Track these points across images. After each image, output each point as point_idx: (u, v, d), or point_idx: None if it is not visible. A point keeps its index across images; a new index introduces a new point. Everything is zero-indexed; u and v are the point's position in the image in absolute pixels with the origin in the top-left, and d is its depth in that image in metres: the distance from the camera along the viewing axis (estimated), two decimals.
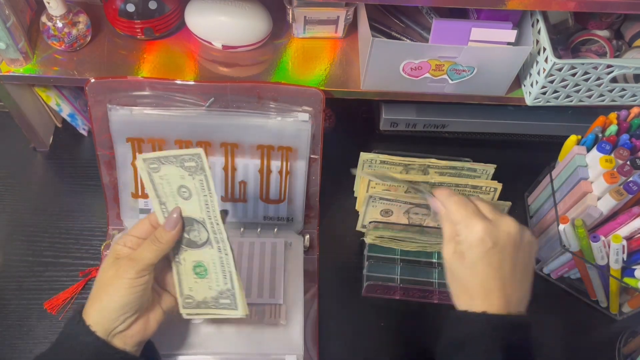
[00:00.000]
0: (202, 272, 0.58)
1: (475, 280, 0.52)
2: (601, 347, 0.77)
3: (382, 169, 0.54)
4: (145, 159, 0.52)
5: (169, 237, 0.55)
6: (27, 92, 0.80)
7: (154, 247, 0.54)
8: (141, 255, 0.54)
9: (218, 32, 0.74)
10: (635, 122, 0.74)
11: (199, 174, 0.51)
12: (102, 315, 0.53)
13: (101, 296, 0.54)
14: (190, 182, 0.52)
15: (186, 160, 0.51)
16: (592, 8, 0.65)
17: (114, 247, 0.57)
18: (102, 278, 0.55)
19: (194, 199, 0.53)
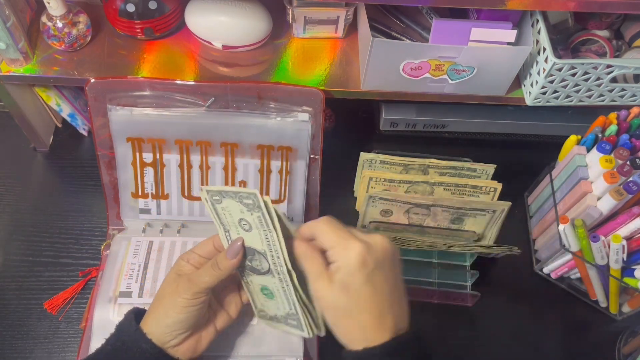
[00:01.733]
0: (268, 294, 0.60)
1: (365, 309, 0.48)
2: (601, 347, 0.77)
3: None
4: (208, 190, 0.53)
5: (229, 265, 0.55)
6: (27, 92, 0.80)
7: (214, 272, 0.55)
8: (200, 279, 0.55)
9: (218, 32, 0.74)
10: (635, 122, 0.74)
11: (256, 211, 0.52)
12: (157, 327, 0.55)
13: (158, 309, 0.56)
14: (249, 217, 0.53)
15: (244, 197, 0.51)
16: (592, 8, 0.65)
17: (178, 262, 0.58)
18: (162, 292, 0.57)
19: (254, 232, 0.54)
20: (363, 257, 0.47)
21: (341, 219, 0.82)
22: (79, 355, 0.69)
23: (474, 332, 0.77)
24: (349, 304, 0.48)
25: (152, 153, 0.74)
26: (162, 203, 0.77)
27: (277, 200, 0.78)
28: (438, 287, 0.78)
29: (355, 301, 0.48)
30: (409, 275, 0.78)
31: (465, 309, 0.79)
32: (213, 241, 0.59)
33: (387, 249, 0.49)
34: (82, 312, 0.74)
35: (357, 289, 0.47)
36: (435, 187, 0.78)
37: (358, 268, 0.47)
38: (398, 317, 0.49)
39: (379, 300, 0.48)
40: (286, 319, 0.62)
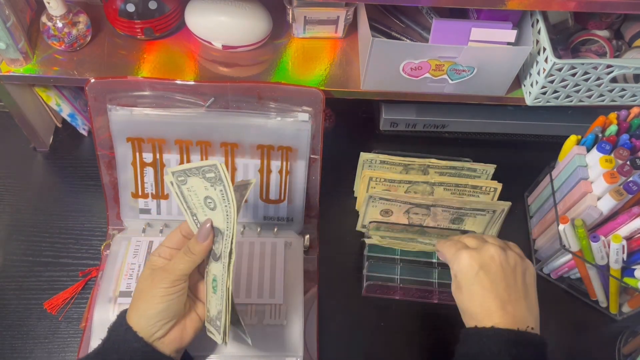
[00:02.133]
0: (215, 286, 0.58)
1: (475, 304, 0.56)
2: (601, 347, 0.77)
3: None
4: (173, 172, 0.54)
5: (201, 248, 0.56)
6: (27, 92, 0.80)
7: (187, 258, 0.56)
8: (175, 266, 0.56)
9: (218, 32, 0.74)
10: (635, 122, 0.74)
11: (218, 184, 0.52)
12: (142, 321, 0.55)
13: (139, 304, 0.56)
14: (213, 193, 0.53)
15: (206, 171, 0.52)
16: (592, 8, 0.65)
17: (150, 259, 0.59)
18: (140, 287, 0.57)
19: (218, 209, 0.54)
20: (468, 263, 0.57)
21: (341, 219, 0.84)
22: (79, 356, 0.69)
23: None
24: (463, 300, 0.57)
25: (152, 153, 0.74)
26: (162, 203, 0.77)
27: (277, 200, 0.78)
28: (438, 287, 0.78)
29: (467, 297, 0.57)
30: (409, 275, 0.78)
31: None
32: (180, 230, 0.59)
33: (494, 256, 0.57)
34: (82, 312, 0.74)
35: (467, 287, 0.57)
36: (435, 187, 0.78)
37: (465, 271, 0.57)
38: (512, 315, 0.54)
39: (487, 297, 0.55)
40: (215, 321, 0.58)
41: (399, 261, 0.79)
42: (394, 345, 0.75)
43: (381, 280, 0.77)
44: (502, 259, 0.57)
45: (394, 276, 0.78)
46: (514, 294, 0.56)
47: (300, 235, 0.80)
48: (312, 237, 0.80)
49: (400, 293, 0.78)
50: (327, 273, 0.78)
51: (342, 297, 0.78)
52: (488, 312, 0.55)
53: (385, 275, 0.78)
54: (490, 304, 0.55)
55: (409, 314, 0.77)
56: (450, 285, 0.77)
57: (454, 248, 0.60)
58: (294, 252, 0.77)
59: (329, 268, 0.79)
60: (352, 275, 0.79)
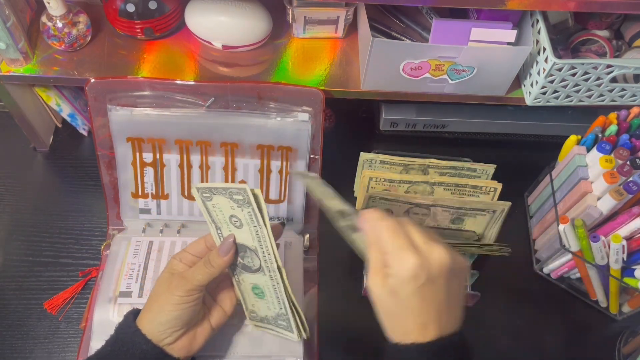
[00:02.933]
0: (259, 293, 0.60)
1: (410, 316, 0.48)
2: (601, 347, 0.77)
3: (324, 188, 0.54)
4: (198, 188, 0.54)
5: (222, 262, 0.56)
6: (27, 92, 0.80)
7: (206, 269, 0.56)
8: (193, 276, 0.56)
9: (218, 32, 0.74)
10: (635, 122, 0.74)
11: (246, 206, 0.52)
12: (152, 325, 0.56)
13: (153, 307, 0.56)
14: (239, 213, 0.53)
15: (234, 193, 0.52)
16: (592, 8, 0.65)
17: (170, 262, 0.59)
18: (156, 290, 0.57)
19: (245, 228, 0.54)
20: (415, 271, 0.47)
21: None
22: (79, 356, 0.69)
23: (474, 332, 0.77)
24: (395, 309, 0.48)
25: (152, 153, 0.74)
26: (162, 203, 0.77)
27: (277, 200, 0.78)
28: None
29: (401, 308, 0.48)
30: None
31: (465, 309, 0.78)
32: (205, 240, 0.59)
33: (444, 263, 0.48)
34: (82, 312, 0.74)
35: (405, 298, 0.47)
36: (435, 187, 0.78)
37: (409, 280, 0.47)
38: (445, 324, 0.50)
39: (426, 311, 0.48)
40: (276, 320, 0.62)
41: None
42: None
43: None
44: (449, 267, 0.48)
45: None
46: (453, 302, 0.51)
47: (300, 235, 0.80)
48: (312, 237, 0.80)
49: None
50: (327, 273, 0.78)
51: (342, 297, 0.78)
52: (423, 327, 0.49)
53: None
54: (427, 317, 0.48)
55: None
56: None
57: (396, 239, 0.48)
58: (294, 252, 0.77)
59: (329, 268, 0.79)
60: (352, 275, 0.79)
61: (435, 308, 0.49)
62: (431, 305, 0.48)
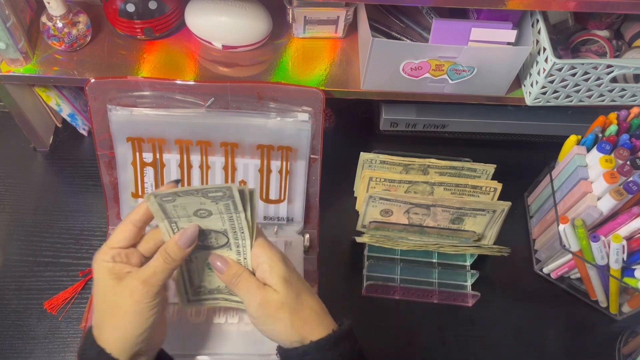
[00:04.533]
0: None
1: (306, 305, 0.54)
2: (601, 347, 0.77)
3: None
4: (157, 194, 0.49)
5: (183, 255, 0.52)
6: (27, 92, 0.80)
7: (167, 265, 0.51)
8: (154, 278, 0.50)
9: (218, 32, 0.74)
10: (635, 122, 0.74)
11: (225, 199, 0.50)
12: (123, 343, 0.50)
13: (117, 323, 0.50)
14: (212, 206, 0.51)
15: (211, 192, 0.50)
16: (592, 8, 0.65)
17: (104, 266, 0.51)
18: (111, 303, 0.51)
19: (214, 217, 0.52)
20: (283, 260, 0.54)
21: (341, 219, 0.84)
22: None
23: (474, 332, 0.77)
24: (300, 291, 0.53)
25: (152, 153, 0.74)
26: None
27: (277, 200, 0.78)
28: (438, 287, 0.78)
29: (302, 287, 0.54)
30: (409, 275, 0.78)
31: (465, 309, 0.79)
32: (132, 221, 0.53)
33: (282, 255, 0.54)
34: (82, 312, 0.74)
35: (296, 281, 0.53)
36: (435, 187, 0.78)
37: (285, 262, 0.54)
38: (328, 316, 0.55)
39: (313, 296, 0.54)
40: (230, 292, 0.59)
41: (399, 261, 0.79)
42: (394, 345, 0.75)
43: (381, 280, 0.77)
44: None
45: (394, 276, 0.78)
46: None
47: (300, 235, 0.80)
48: (312, 237, 0.80)
49: (400, 293, 0.78)
50: (327, 273, 0.78)
51: (342, 297, 0.78)
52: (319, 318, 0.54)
53: (385, 275, 0.78)
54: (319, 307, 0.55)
55: (409, 314, 0.77)
56: (451, 284, 0.78)
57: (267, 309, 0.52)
58: (294, 252, 0.77)
59: (329, 268, 0.79)
60: (352, 275, 0.79)
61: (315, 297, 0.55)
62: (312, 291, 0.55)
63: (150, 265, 0.51)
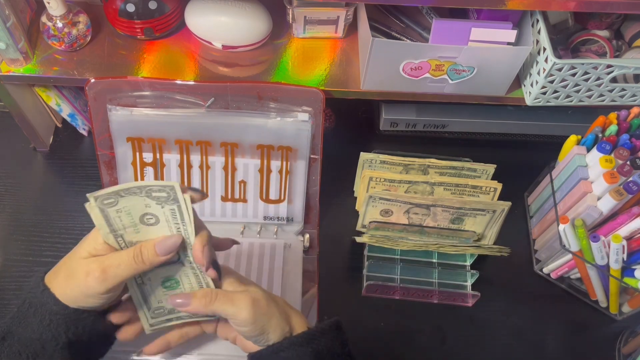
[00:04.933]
0: (172, 284, 0.55)
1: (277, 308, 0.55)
2: (601, 347, 0.77)
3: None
4: (97, 197, 0.47)
5: (157, 262, 0.50)
6: (27, 92, 0.80)
7: (135, 265, 0.49)
8: (115, 271, 0.48)
9: (218, 32, 0.74)
10: (635, 122, 0.74)
11: (170, 203, 0.48)
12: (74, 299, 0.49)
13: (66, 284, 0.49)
14: (158, 210, 0.49)
15: (154, 190, 0.48)
16: (592, 8, 0.65)
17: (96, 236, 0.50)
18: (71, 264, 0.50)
19: (162, 225, 0.50)
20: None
21: (341, 219, 0.84)
22: None
23: (474, 332, 0.77)
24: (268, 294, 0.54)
25: (152, 153, 0.74)
26: None
27: (277, 200, 0.78)
28: (438, 287, 0.78)
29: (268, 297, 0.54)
30: (409, 275, 0.78)
31: (465, 309, 0.79)
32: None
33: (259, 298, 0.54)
34: None
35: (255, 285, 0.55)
36: (435, 187, 0.78)
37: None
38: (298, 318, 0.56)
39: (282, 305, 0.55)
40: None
41: (399, 261, 0.79)
42: (394, 345, 0.75)
43: (381, 280, 0.77)
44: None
45: (394, 276, 0.78)
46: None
47: (300, 235, 0.80)
48: (312, 237, 0.80)
49: (400, 293, 0.78)
50: (327, 273, 0.79)
51: (342, 297, 0.78)
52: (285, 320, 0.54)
53: (385, 275, 0.78)
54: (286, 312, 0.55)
55: (409, 314, 0.77)
56: (451, 284, 0.78)
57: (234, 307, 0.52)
58: (294, 253, 0.77)
59: (329, 268, 0.79)
60: (352, 275, 0.79)
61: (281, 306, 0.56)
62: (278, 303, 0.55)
63: (118, 256, 0.49)
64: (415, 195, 0.76)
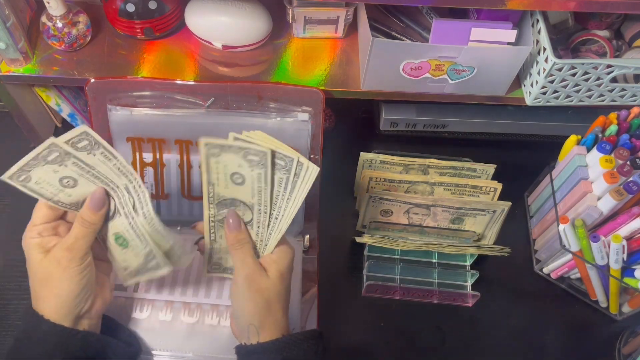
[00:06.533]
0: (123, 242, 0.58)
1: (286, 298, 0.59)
2: (601, 347, 0.77)
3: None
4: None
5: (97, 218, 0.54)
6: (27, 92, 0.80)
7: (87, 230, 0.54)
8: (76, 244, 0.53)
9: (218, 32, 0.74)
10: (635, 122, 0.74)
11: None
12: (62, 307, 0.53)
13: (53, 291, 0.53)
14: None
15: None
16: (592, 8, 0.65)
17: (30, 243, 0.55)
18: (42, 275, 0.54)
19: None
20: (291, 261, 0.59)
21: (341, 219, 0.84)
22: None
23: (474, 332, 0.77)
24: (282, 291, 0.57)
25: (152, 153, 0.74)
26: (162, 203, 0.77)
27: None
28: (438, 287, 0.78)
29: (285, 291, 0.57)
30: (409, 275, 0.78)
31: (465, 309, 0.79)
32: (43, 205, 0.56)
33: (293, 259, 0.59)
34: None
35: (286, 283, 0.58)
36: (435, 187, 0.78)
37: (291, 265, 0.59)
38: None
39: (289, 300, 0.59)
40: (146, 265, 0.58)
41: (399, 261, 0.79)
42: (394, 345, 0.75)
43: (381, 280, 0.77)
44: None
45: (394, 276, 0.78)
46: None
47: (300, 236, 0.80)
48: (312, 237, 0.80)
49: (400, 293, 0.78)
50: (327, 273, 0.78)
51: (342, 297, 0.78)
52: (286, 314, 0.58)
53: (385, 275, 0.78)
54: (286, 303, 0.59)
55: (409, 314, 0.77)
56: (451, 284, 0.78)
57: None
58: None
59: (329, 268, 0.79)
60: (352, 275, 0.79)
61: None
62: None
63: (71, 234, 0.54)
64: (415, 195, 0.76)
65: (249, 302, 0.55)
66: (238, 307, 0.56)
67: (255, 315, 0.55)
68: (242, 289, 0.55)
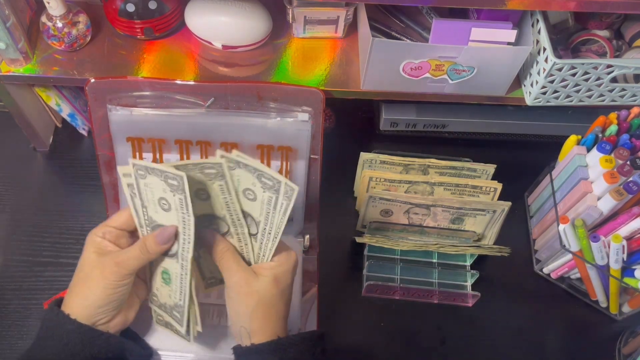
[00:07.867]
0: (167, 279, 0.59)
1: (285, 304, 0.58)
2: (601, 347, 0.77)
3: None
4: (135, 164, 0.53)
5: (159, 250, 0.55)
6: (27, 92, 0.80)
7: (142, 256, 0.55)
8: (127, 262, 0.55)
9: (218, 32, 0.74)
10: (635, 122, 0.74)
11: (179, 193, 0.52)
12: (86, 309, 0.54)
13: (85, 292, 0.55)
14: (170, 198, 0.53)
15: (169, 177, 0.52)
16: (592, 8, 0.65)
17: (93, 240, 0.57)
18: (85, 273, 0.56)
19: (172, 213, 0.54)
20: (295, 265, 0.58)
21: (341, 219, 0.84)
22: None
23: (474, 332, 0.77)
24: (277, 294, 0.56)
25: (152, 153, 0.74)
26: None
27: None
28: (438, 287, 0.78)
29: (280, 295, 0.56)
30: (409, 275, 0.78)
31: (465, 309, 0.79)
32: (129, 211, 0.58)
33: (296, 266, 0.58)
34: None
35: (283, 286, 0.57)
36: (435, 187, 0.78)
37: (291, 271, 0.57)
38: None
39: (288, 305, 0.58)
40: (172, 310, 0.61)
41: (399, 261, 0.79)
42: (394, 345, 0.75)
43: (381, 280, 0.77)
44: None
45: (394, 276, 0.78)
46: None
47: (300, 236, 0.80)
48: (312, 237, 0.80)
49: (400, 293, 0.78)
50: (327, 273, 0.78)
51: (342, 297, 0.78)
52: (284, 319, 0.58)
53: (385, 275, 0.78)
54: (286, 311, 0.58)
55: (409, 314, 0.78)
56: (451, 284, 0.78)
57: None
58: None
59: (329, 268, 0.79)
60: (352, 275, 0.79)
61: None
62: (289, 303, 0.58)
63: (128, 251, 0.55)
64: (415, 195, 0.76)
65: (240, 305, 0.55)
66: (230, 311, 0.57)
67: (246, 318, 0.55)
68: (233, 293, 0.56)
